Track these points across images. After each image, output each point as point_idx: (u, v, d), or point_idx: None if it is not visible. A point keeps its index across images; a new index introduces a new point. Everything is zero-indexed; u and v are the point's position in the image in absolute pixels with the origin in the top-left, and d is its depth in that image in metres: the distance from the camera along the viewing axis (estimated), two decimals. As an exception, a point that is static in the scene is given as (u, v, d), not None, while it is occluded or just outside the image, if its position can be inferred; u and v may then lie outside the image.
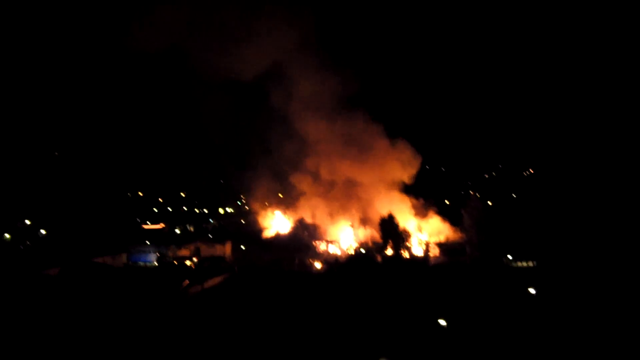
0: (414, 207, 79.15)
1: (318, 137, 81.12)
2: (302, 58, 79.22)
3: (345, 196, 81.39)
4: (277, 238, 79.49)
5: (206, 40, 77.34)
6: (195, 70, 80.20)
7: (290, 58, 79.40)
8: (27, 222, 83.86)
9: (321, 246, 74.71)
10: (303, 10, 78.52)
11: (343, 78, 79.66)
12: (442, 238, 74.52)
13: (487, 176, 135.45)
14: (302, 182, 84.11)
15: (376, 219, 70.57)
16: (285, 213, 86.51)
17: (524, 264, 61.01)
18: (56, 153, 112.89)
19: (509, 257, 61.69)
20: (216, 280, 57.10)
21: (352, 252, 70.56)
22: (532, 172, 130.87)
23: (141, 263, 69.40)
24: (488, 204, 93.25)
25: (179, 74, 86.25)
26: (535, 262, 60.51)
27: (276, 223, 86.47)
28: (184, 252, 71.66)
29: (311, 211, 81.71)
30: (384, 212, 68.08)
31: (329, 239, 76.37)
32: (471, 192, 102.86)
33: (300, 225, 78.81)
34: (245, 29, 78.06)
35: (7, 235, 77.54)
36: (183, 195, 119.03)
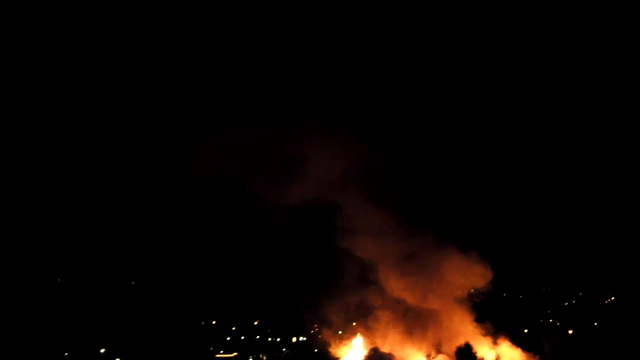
0: (489, 334, 76.90)
1: (383, 260, 79.39)
2: (358, 185, 78.70)
3: (417, 320, 79.52)
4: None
5: (257, 172, 78.26)
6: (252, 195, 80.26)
7: (346, 186, 78.80)
8: (102, 350, 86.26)
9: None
10: (356, 140, 78.09)
11: (405, 201, 78.97)
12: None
13: (566, 304, 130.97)
14: (371, 300, 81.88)
15: (451, 345, 69.18)
16: (358, 341, 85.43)
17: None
18: (133, 282, 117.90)
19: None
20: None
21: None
22: (613, 299, 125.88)
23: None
24: (569, 332, 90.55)
25: (237, 197, 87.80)
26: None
27: (349, 352, 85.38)
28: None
29: (384, 336, 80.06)
30: (459, 339, 66.96)
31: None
32: (550, 320, 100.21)
33: (374, 354, 77.61)
34: (298, 163, 77.81)
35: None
36: (256, 324, 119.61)
